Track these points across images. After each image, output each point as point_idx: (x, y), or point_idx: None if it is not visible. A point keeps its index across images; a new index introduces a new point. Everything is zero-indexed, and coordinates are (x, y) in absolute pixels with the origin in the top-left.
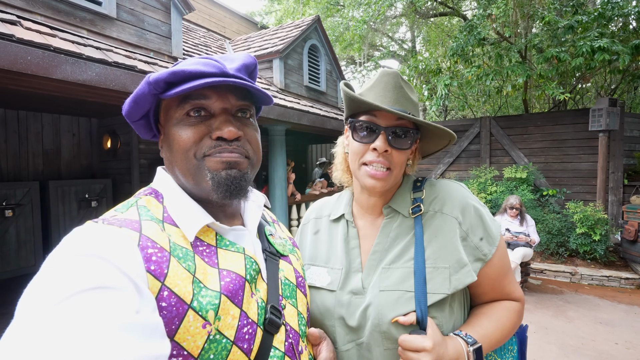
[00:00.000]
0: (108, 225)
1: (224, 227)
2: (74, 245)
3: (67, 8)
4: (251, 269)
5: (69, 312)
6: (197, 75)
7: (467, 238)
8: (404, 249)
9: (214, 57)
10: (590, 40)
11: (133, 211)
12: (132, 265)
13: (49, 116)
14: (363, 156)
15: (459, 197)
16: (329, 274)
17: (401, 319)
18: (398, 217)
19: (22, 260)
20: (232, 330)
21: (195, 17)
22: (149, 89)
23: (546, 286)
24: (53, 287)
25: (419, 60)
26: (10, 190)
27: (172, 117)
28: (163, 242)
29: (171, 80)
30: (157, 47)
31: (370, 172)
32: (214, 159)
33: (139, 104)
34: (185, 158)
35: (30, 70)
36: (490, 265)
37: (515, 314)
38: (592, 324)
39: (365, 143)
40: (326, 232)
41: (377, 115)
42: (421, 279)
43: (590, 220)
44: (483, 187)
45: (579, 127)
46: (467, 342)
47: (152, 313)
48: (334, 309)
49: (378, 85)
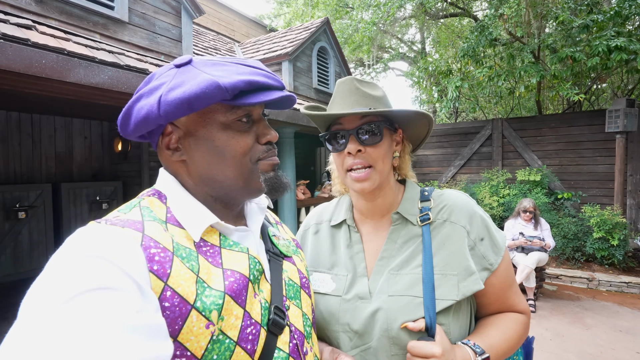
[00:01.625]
0: (111, 226)
1: (229, 227)
2: (76, 246)
3: (80, 12)
4: (255, 269)
5: (72, 313)
6: (267, 87)
7: (475, 247)
8: (412, 256)
9: (263, 67)
10: (606, 39)
11: (136, 212)
12: (134, 265)
13: (61, 119)
14: (343, 163)
15: (467, 207)
16: (334, 280)
17: (410, 324)
18: (406, 225)
19: (35, 262)
20: (235, 331)
21: (205, 21)
22: (221, 95)
23: (562, 292)
24: (56, 288)
25: (428, 62)
26: (23, 192)
27: (215, 121)
28: (166, 242)
29: (247, 89)
30: (168, 51)
31: (354, 176)
32: (266, 162)
33: (199, 105)
34: (241, 163)
35: (45, 74)
36: (496, 274)
37: (522, 327)
38: (611, 332)
39: (340, 150)
40: (328, 237)
41: (343, 122)
42: (430, 286)
43: (608, 225)
44: (495, 190)
45: (595, 128)
46: (476, 352)
47: (155, 313)
48: (339, 314)
49: (337, 96)
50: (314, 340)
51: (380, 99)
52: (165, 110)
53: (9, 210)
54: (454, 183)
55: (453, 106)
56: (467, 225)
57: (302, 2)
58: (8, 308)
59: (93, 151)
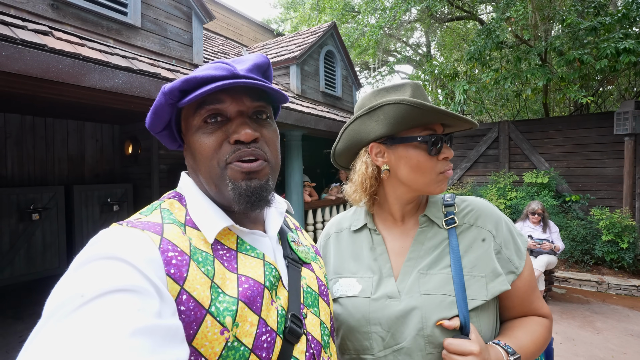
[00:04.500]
0: (132, 228)
1: (243, 230)
2: (98, 248)
3: (95, 19)
4: (271, 275)
5: (92, 315)
6: (208, 80)
7: (501, 251)
8: (439, 257)
9: (225, 60)
10: (614, 41)
11: (156, 214)
12: (153, 268)
13: (74, 123)
14: (435, 168)
15: (491, 212)
16: (359, 282)
17: (446, 322)
18: (432, 228)
19: (48, 263)
20: (250, 338)
21: (214, 26)
22: (165, 99)
23: (571, 295)
24: (78, 289)
25: (434, 65)
26: (37, 194)
27: (191, 125)
28: (184, 245)
29: (185, 88)
30: (179, 55)
31: (447, 175)
32: (235, 167)
33: (158, 115)
34: (208, 166)
35: (61, 79)
36: (521, 278)
37: (547, 330)
38: (622, 336)
39: (434, 155)
40: (349, 243)
41: (436, 127)
42: (460, 285)
43: (617, 228)
44: (502, 192)
45: (603, 130)
46: (508, 352)
47: (173, 316)
48: (369, 315)
49: (416, 95)
50: (332, 350)
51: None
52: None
53: (23, 212)
54: (461, 185)
55: (460, 109)
56: (493, 230)
57: (309, 6)
58: (22, 308)
59: (104, 154)
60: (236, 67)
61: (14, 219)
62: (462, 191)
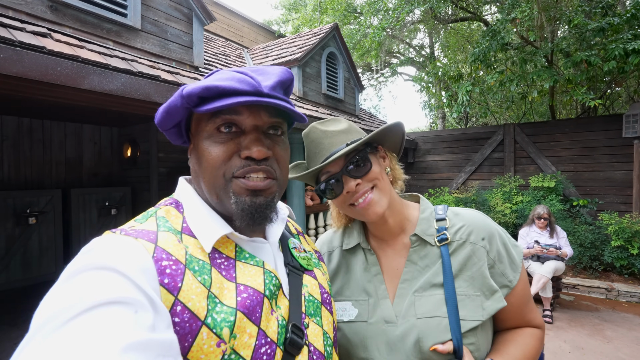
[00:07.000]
0: (125, 236)
1: (242, 238)
2: (89, 258)
3: (94, 20)
4: (271, 284)
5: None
6: (231, 93)
7: (495, 265)
8: (433, 277)
9: (249, 72)
10: (623, 42)
11: (152, 222)
12: (147, 278)
13: (72, 125)
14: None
15: (484, 226)
16: (355, 306)
17: (439, 347)
18: (425, 246)
19: (44, 268)
20: (248, 350)
21: (215, 27)
22: (182, 102)
23: (579, 302)
24: (68, 301)
25: (438, 67)
26: (34, 197)
27: (202, 129)
28: (179, 254)
29: (204, 95)
30: (180, 57)
31: (362, 205)
32: (240, 184)
33: (171, 114)
34: (213, 176)
35: (60, 81)
36: (515, 291)
37: (539, 342)
38: (633, 345)
39: (340, 194)
40: (342, 263)
41: (330, 168)
42: (453, 307)
43: (627, 233)
44: (508, 196)
45: (611, 133)
46: None
47: (167, 329)
48: (367, 340)
49: (310, 148)
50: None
51: (349, 129)
52: (157, 119)
53: (19, 216)
54: (465, 189)
55: (463, 111)
56: (486, 245)
57: (311, 8)
58: (17, 313)
59: (102, 157)
60: (261, 82)
61: (10, 222)
62: (466, 195)
